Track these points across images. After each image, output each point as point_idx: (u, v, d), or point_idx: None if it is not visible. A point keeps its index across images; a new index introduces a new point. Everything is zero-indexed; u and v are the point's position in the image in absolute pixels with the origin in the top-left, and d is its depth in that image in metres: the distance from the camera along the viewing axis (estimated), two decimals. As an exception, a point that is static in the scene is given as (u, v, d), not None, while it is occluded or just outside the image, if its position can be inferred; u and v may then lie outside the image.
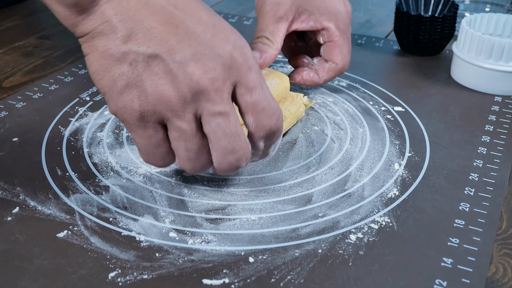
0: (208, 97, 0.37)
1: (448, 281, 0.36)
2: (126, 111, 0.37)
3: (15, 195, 0.44)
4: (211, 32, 0.37)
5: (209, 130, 0.38)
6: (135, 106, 0.37)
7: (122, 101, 0.37)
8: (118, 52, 0.36)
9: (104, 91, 0.38)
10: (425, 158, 0.49)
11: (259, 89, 0.39)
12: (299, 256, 0.38)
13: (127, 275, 0.36)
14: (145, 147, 0.39)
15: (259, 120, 0.39)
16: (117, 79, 0.37)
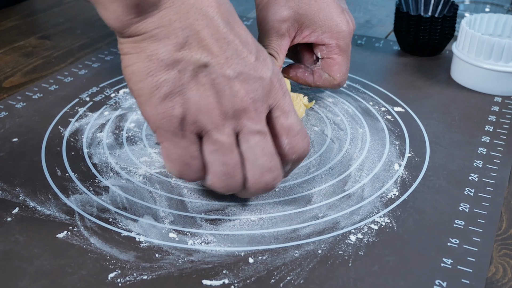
0: (249, 115, 0.38)
1: (448, 281, 0.36)
2: (164, 117, 0.37)
3: (15, 196, 0.44)
4: (255, 56, 0.38)
5: (247, 148, 0.38)
6: (176, 113, 0.37)
7: (162, 108, 0.37)
8: (169, 58, 0.36)
9: (140, 93, 0.37)
10: (425, 159, 0.49)
11: (293, 113, 0.40)
12: (299, 257, 0.38)
13: (126, 276, 0.36)
14: (180, 158, 0.38)
15: (293, 143, 0.40)
16: (161, 84, 0.36)
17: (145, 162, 0.48)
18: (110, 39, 0.75)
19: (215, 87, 0.37)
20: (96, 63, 0.67)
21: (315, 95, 0.60)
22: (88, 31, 0.78)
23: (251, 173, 0.39)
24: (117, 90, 0.60)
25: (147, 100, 0.37)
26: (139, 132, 0.53)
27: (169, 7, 0.36)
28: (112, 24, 0.36)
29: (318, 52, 0.54)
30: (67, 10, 0.86)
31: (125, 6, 0.35)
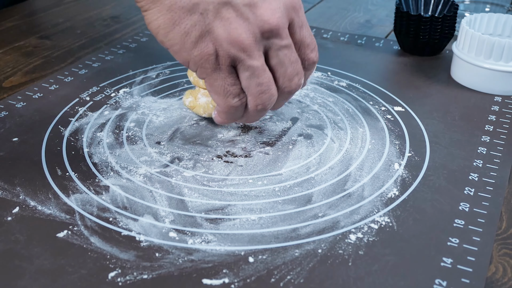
0: (276, 33, 0.41)
1: (448, 281, 0.36)
2: (202, 58, 0.41)
3: (15, 195, 0.44)
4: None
5: (277, 62, 0.43)
6: (211, 51, 0.41)
7: (197, 50, 0.41)
8: (188, 4, 0.39)
9: (173, 43, 0.41)
10: (425, 158, 0.49)
11: (306, 26, 0.44)
12: (299, 256, 0.38)
13: (127, 275, 0.36)
14: (222, 88, 0.43)
15: (309, 49, 0.44)
16: (189, 30, 0.40)
17: (145, 161, 0.48)
18: (110, 39, 0.75)
19: (240, 18, 0.40)
20: (96, 62, 0.67)
21: (315, 94, 0.60)
22: (88, 30, 0.78)
23: (281, 82, 0.44)
24: (117, 89, 0.60)
25: (181, 48, 0.41)
26: (139, 132, 0.53)
27: None
28: None
29: None
30: (67, 10, 0.86)
31: None
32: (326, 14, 0.85)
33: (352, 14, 0.86)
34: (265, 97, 0.44)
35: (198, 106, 0.52)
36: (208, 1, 0.39)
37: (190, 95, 0.53)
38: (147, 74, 0.64)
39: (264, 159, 0.49)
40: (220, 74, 0.42)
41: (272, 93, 0.44)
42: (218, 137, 0.52)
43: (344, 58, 0.68)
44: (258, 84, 0.43)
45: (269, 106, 0.45)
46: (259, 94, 0.43)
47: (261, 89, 0.43)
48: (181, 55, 0.42)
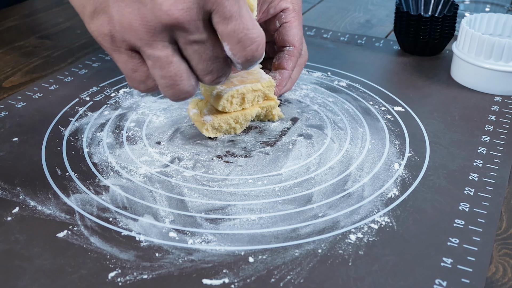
0: (181, 27, 0.37)
1: (448, 281, 0.36)
2: (98, 35, 0.38)
3: (15, 195, 0.44)
4: None
5: (187, 56, 0.39)
6: (106, 31, 0.37)
7: (94, 25, 0.38)
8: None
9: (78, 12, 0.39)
10: (425, 158, 0.49)
11: (236, 18, 0.37)
12: (299, 256, 0.38)
13: (127, 275, 0.36)
14: (124, 71, 0.40)
15: (235, 50, 0.39)
16: (85, 3, 0.37)
17: (145, 161, 0.48)
18: (110, 39, 0.75)
19: (136, 2, 0.36)
20: (96, 62, 0.67)
21: (315, 94, 0.60)
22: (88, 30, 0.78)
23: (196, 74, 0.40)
24: (117, 89, 0.60)
25: (83, 19, 0.39)
26: (139, 132, 0.53)
27: None
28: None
29: (276, 21, 0.55)
30: (67, 10, 0.86)
31: None
32: (326, 14, 0.85)
33: (352, 14, 0.86)
34: (171, 92, 0.40)
35: (201, 123, 0.51)
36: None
37: (196, 106, 0.52)
38: (147, 74, 0.64)
39: (264, 159, 0.49)
40: (120, 56, 0.39)
41: (181, 88, 0.39)
42: (218, 137, 0.52)
43: (344, 58, 0.68)
44: (162, 76, 0.39)
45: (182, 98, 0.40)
46: (165, 87, 0.39)
47: (166, 83, 0.39)
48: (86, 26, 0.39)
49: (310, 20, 0.81)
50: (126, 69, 0.39)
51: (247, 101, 0.51)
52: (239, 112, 0.51)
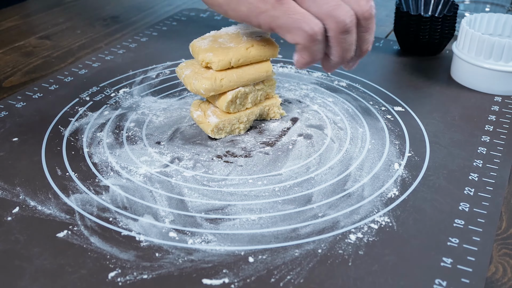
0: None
1: (448, 281, 0.36)
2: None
3: (15, 195, 0.44)
4: None
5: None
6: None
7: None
8: None
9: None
10: (425, 158, 0.49)
11: None
12: (299, 256, 0.38)
13: (127, 275, 0.36)
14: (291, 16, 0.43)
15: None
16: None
17: (145, 161, 0.48)
18: (110, 39, 0.75)
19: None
20: (96, 62, 0.67)
21: (315, 94, 0.60)
22: (88, 31, 0.78)
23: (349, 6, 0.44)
24: (117, 89, 0.60)
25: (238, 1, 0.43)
26: (139, 132, 0.53)
27: None
28: None
29: None
30: (67, 10, 0.86)
31: None
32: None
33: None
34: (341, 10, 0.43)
35: (207, 124, 0.51)
36: None
37: (199, 108, 0.52)
38: (147, 74, 0.64)
39: (264, 159, 0.49)
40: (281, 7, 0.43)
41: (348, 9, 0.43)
42: (218, 137, 0.52)
43: (344, 58, 0.68)
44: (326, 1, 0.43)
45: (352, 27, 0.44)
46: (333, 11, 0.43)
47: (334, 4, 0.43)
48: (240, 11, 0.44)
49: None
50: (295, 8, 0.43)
51: (250, 100, 0.51)
52: (242, 112, 0.51)
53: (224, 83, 0.49)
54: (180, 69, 0.52)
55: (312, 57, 0.45)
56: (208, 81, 0.49)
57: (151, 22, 0.82)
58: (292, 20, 0.43)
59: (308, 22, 0.43)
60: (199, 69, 0.50)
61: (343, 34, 0.44)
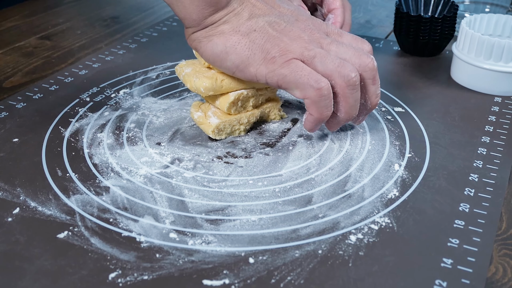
0: (318, 36, 0.48)
1: (448, 281, 0.36)
2: (269, 61, 0.46)
3: (15, 196, 0.44)
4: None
5: (335, 53, 0.48)
6: (276, 55, 0.46)
7: (262, 59, 0.46)
8: (246, 27, 0.47)
9: (240, 61, 0.47)
10: (425, 159, 0.49)
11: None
12: (299, 257, 0.38)
13: (127, 276, 0.36)
14: (300, 74, 0.46)
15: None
16: (255, 40, 0.47)
17: (146, 162, 0.48)
18: (110, 39, 0.75)
19: (282, 34, 0.47)
20: (97, 63, 0.67)
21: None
22: (88, 31, 0.78)
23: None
24: (117, 90, 0.60)
25: (253, 60, 0.47)
26: (140, 133, 0.53)
27: (234, 1, 0.48)
28: (194, 17, 0.47)
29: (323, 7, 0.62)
30: (67, 10, 0.86)
31: (206, 3, 0.46)
32: (326, 14, 0.85)
33: (352, 14, 0.85)
34: (346, 67, 0.46)
35: (208, 125, 0.51)
36: (260, 22, 0.47)
37: (200, 109, 0.53)
38: (147, 75, 0.64)
39: (264, 160, 0.49)
40: (289, 66, 0.46)
41: (351, 66, 0.47)
42: (219, 138, 0.52)
43: (344, 59, 0.68)
44: (331, 61, 0.46)
45: (357, 82, 0.47)
46: (339, 68, 0.46)
47: (339, 62, 0.46)
48: (248, 72, 0.47)
49: (310, 21, 0.81)
50: (299, 68, 0.46)
51: (252, 103, 0.52)
52: (243, 113, 0.51)
53: (224, 84, 0.49)
54: (180, 67, 0.52)
55: (320, 112, 0.47)
56: (209, 80, 0.49)
57: (151, 22, 0.82)
58: (300, 77, 0.45)
59: (315, 78, 0.45)
60: (200, 69, 0.51)
61: (349, 89, 0.46)
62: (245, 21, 0.47)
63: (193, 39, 0.49)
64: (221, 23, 0.47)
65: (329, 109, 0.47)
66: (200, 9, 0.46)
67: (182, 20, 0.48)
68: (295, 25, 0.48)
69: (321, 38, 0.48)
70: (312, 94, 0.46)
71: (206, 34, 0.48)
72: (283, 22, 0.48)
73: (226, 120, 0.51)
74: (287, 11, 0.49)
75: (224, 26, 0.47)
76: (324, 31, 0.49)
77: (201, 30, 0.48)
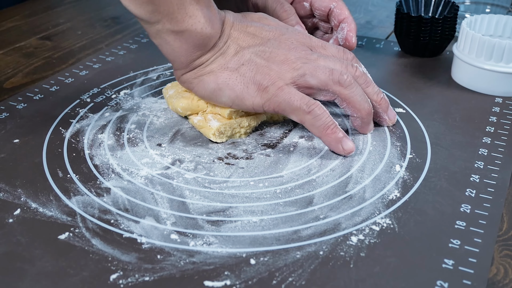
0: (305, 53, 0.50)
1: (449, 282, 0.36)
2: (262, 91, 0.48)
3: (16, 197, 0.44)
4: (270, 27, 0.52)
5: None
6: (268, 85, 0.48)
7: (255, 91, 0.48)
8: (234, 63, 0.49)
9: (235, 95, 0.48)
10: (426, 160, 0.49)
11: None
12: (300, 258, 0.38)
13: (128, 277, 0.36)
14: (292, 99, 0.47)
15: None
16: (245, 73, 0.48)
17: (147, 163, 0.48)
18: (111, 40, 0.75)
19: (269, 61, 0.49)
20: (97, 64, 0.67)
21: (316, 96, 0.60)
22: (89, 32, 0.78)
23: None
24: (118, 91, 0.60)
25: (247, 93, 0.48)
26: (140, 134, 0.53)
27: (219, 39, 0.49)
28: (182, 60, 0.49)
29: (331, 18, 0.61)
30: (67, 11, 0.86)
31: (194, 46, 0.48)
32: (326, 15, 0.85)
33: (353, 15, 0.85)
34: (336, 73, 0.48)
35: (208, 128, 0.51)
36: (246, 55, 0.49)
37: (187, 102, 0.52)
38: (148, 76, 0.64)
39: (265, 161, 0.49)
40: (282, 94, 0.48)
41: (341, 69, 0.49)
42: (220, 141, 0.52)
43: (345, 59, 0.68)
44: (322, 72, 0.48)
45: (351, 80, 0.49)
46: (329, 76, 0.48)
47: (329, 71, 0.48)
48: (244, 104, 0.49)
49: (311, 21, 0.81)
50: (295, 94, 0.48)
51: None
52: (244, 117, 0.51)
53: (200, 104, 0.52)
54: (165, 89, 0.56)
55: (320, 131, 0.48)
56: (185, 100, 0.52)
57: (151, 23, 0.81)
58: (292, 102, 0.47)
59: (306, 102, 0.47)
60: (182, 89, 0.54)
61: (348, 89, 0.49)
62: (232, 57, 0.49)
63: (183, 81, 0.51)
64: (209, 63, 0.49)
65: (329, 125, 0.48)
66: (188, 52, 0.48)
67: (171, 62, 0.50)
68: (280, 47, 0.49)
69: (307, 54, 0.49)
70: (306, 118, 0.47)
71: (195, 75, 0.50)
72: (267, 49, 0.49)
73: (226, 123, 0.51)
74: (269, 34, 0.51)
75: (212, 65, 0.49)
76: (309, 45, 0.51)
77: (190, 72, 0.50)
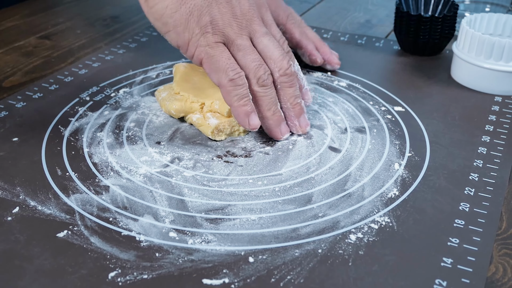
0: (256, 22, 0.50)
1: (448, 281, 0.36)
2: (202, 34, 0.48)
3: (15, 195, 0.44)
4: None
5: (263, 47, 0.50)
6: (209, 30, 0.48)
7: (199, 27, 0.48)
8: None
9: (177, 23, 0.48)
10: (425, 158, 0.49)
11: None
12: (299, 256, 0.38)
13: (127, 275, 0.36)
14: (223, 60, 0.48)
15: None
16: (193, 10, 0.48)
17: (146, 161, 0.48)
18: (110, 39, 0.75)
19: (229, 3, 0.49)
20: (96, 62, 0.67)
21: (315, 94, 0.60)
22: (88, 30, 0.78)
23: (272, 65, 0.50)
24: (117, 89, 0.60)
25: (186, 27, 0.48)
26: (139, 132, 0.53)
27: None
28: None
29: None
30: (67, 10, 0.86)
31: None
32: (326, 14, 0.85)
33: (352, 14, 0.86)
34: (262, 71, 0.48)
35: (207, 126, 0.51)
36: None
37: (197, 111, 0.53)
38: (147, 74, 0.64)
39: (264, 159, 0.49)
40: (217, 49, 0.48)
41: (266, 70, 0.49)
42: (218, 139, 0.52)
43: (344, 58, 0.68)
44: (252, 60, 0.48)
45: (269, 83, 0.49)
46: (255, 69, 0.48)
47: (256, 65, 0.48)
48: (183, 35, 0.48)
49: (311, 20, 0.81)
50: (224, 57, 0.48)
51: None
52: None
53: (193, 106, 0.52)
54: (158, 92, 0.56)
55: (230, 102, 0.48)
56: (178, 102, 0.52)
57: (151, 22, 0.82)
58: (221, 64, 0.48)
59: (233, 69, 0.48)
60: (175, 92, 0.54)
61: (262, 88, 0.49)
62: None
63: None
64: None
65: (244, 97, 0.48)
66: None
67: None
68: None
69: (258, 26, 0.50)
70: (226, 83, 0.48)
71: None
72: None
73: (225, 121, 0.51)
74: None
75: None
76: (262, 18, 0.52)
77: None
